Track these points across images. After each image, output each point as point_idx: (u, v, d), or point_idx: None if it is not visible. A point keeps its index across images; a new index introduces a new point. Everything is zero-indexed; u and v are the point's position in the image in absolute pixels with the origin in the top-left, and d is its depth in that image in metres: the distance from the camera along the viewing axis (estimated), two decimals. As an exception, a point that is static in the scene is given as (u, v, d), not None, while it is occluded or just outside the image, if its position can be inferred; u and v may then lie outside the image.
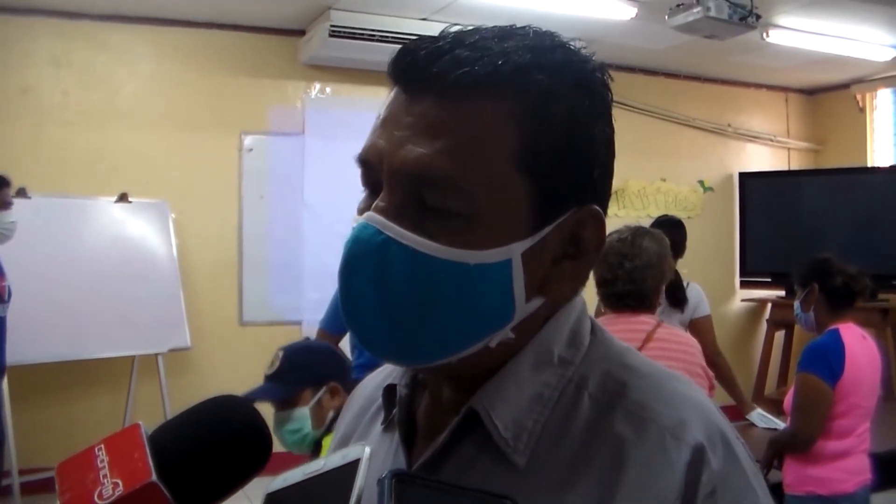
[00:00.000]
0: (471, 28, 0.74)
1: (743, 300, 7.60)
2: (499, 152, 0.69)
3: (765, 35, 5.82)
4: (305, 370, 2.45)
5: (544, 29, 0.75)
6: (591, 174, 0.73)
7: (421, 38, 0.72)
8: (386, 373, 0.90)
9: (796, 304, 3.27)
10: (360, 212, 0.73)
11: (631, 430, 0.70)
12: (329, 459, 0.61)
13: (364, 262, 0.69)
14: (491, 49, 0.70)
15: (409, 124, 0.70)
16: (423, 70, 0.70)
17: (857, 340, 3.08)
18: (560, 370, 0.75)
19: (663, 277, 2.71)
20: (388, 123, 0.72)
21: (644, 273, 2.61)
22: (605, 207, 0.76)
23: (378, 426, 0.87)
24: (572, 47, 0.74)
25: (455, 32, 0.73)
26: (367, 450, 0.60)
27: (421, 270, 0.68)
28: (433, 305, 0.69)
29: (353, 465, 0.59)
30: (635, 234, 2.69)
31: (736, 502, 0.69)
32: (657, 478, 0.67)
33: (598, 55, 0.77)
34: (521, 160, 0.69)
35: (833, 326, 3.11)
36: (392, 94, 0.74)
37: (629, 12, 5.35)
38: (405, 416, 0.82)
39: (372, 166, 0.72)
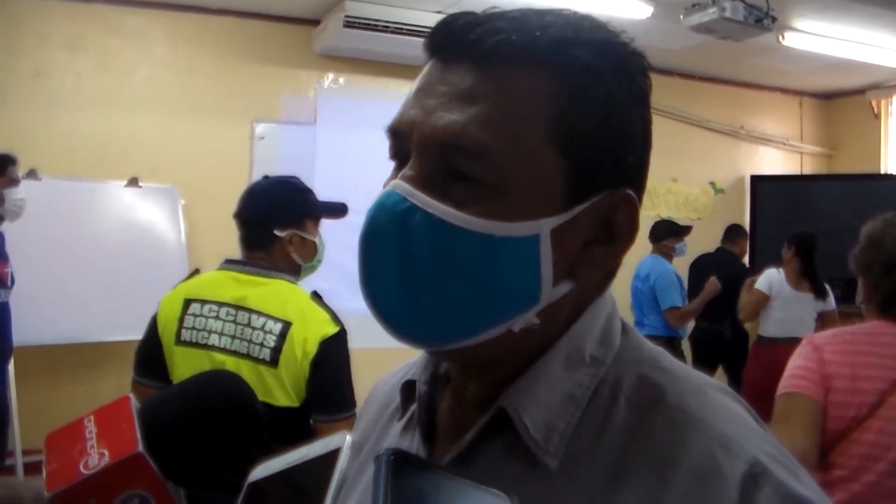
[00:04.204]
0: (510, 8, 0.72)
1: (751, 303, 7.55)
2: (533, 124, 0.67)
3: (781, 38, 5.80)
4: None
5: (583, 13, 0.73)
6: (626, 158, 0.71)
7: (459, 11, 0.71)
8: (402, 374, 0.87)
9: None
10: (386, 184, 0.70)
11: (674, 436, 0.66)
12: (311, 448, 0.61)
13: (387, 229, 0.67)
14: (530, 21, 0.68)
15: (443, 92, 0.68)
16: (460, 38, 0.69)
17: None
18: (592, 370, 0.71)
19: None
20: (420, 93, 0.70)
21: None
22: (640, 196, 0.72)
23: (396, 425, 0.83)
24: (613, 30, 0.72)
25: (494, 9, 0.71)
26: (349, 438, 0.60)
27: (445, 240, 0.66)
28: (455, 278, 0.66)
29: (334, 454, 0.59)
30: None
31: None
32: (709, 489, 0.62)
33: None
34: (556, 134, 0.67)
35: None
36: (427, 66, 0.72)
37: (645, 11, 5.33)
38: (425, 414, 0.79)
39: (402, 136, 0.70)
